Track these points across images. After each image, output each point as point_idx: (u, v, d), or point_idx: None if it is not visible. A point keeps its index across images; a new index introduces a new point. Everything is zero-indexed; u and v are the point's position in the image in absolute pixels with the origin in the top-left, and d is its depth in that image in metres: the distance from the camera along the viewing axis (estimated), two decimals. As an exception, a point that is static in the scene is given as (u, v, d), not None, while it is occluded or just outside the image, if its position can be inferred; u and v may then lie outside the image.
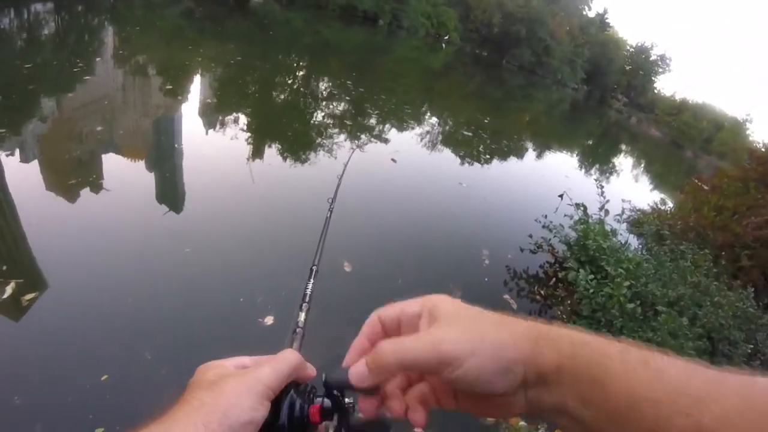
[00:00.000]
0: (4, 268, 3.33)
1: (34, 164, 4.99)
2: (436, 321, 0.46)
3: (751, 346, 4.19)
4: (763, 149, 11.75)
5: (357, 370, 0.46)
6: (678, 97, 56.52)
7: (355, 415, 0.52)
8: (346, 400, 0.51)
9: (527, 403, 0.44)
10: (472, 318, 0.46)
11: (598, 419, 0.40)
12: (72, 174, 4.98)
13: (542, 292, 5.14)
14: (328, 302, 3.70)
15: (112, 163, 5.50)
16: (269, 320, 3.41)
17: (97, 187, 4.71)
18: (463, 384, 0.43)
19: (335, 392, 0.51)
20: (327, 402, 0.51)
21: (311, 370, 0.55)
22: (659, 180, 19.12)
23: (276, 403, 0.48)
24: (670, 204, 9.86)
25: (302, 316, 0.95)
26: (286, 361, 0.51)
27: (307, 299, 1.03)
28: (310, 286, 1.10)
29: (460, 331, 0.44)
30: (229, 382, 0.46)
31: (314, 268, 1.21)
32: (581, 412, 0.40)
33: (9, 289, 3.10)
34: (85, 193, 4.59)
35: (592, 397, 0.39)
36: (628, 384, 0.38)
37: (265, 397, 0.47)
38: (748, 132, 47.54)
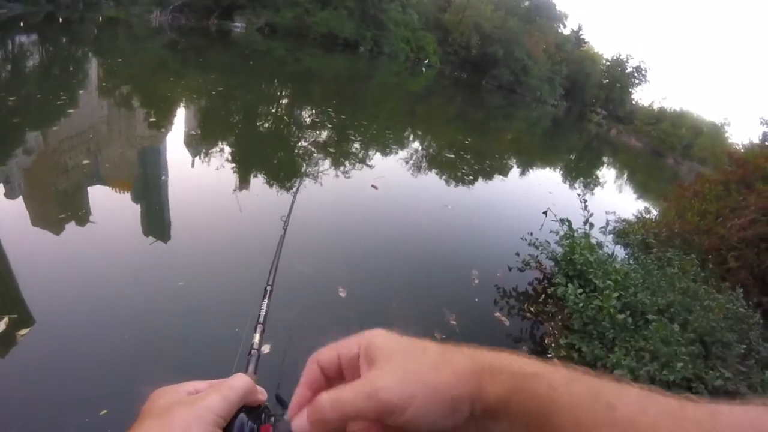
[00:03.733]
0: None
1: (20, 199, 4.98)
2: (374, 363, 0.43)
3: (744, 346, 4.19)
4: (742, 150, 11.98)
5: (299, 425, 0.43)
6: (656, 106, 57.65)
7: None
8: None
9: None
10: (410, 356, 0.43)
11: None
12: (58, 207, 4.96)
13: (532, 309, 5.14)
14: (325, 326, 3.70)
15: (98, 195, 5.48)
16: (265, 349, 3.36)
17: (83, 220, 4.69)
18: (410, 428, 0.41)
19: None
20: (278, 421, 0.51)
21: (262, 394, 0.54)
22: (642, 189, 19.36)
23: (228, 428, 0.48)
24: (654, 212, 9.96)
25: (257, 338, 0.92)
26: (234, 387, 0.50)
27: (261, 320, 1.00)
28: (264, 306, 1.06)
29: (397, 374, 0.41)
30: (179, 411, 0.45)
31: (268, 287, 1.16)
32: None
33: (2, 325, 3.08)
34: (72, 226, 4.57)
35: (539, 431, 0.38)
36: (576, 417, 0.37)
37: (215, 425, 0.46)
38: (726, 135, 48.40)
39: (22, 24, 17.02)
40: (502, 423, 0.40)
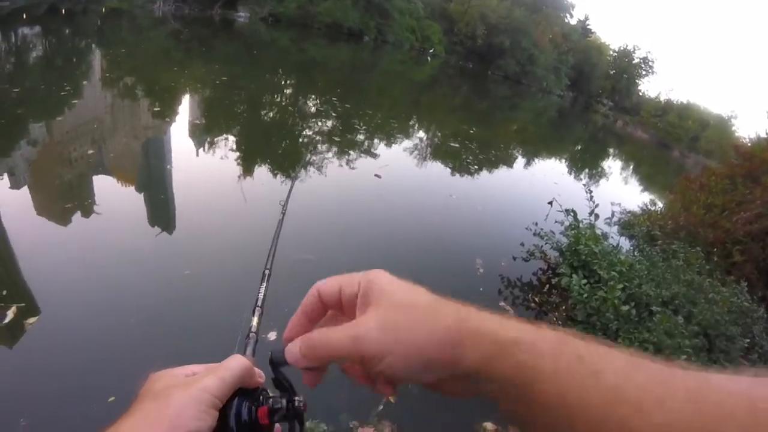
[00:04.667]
0: (5, 292, 3.34)
1: (25, 189, 5.01)
2: (367, 304, 0.45)
3: (748, 340, 4.20)
4: (748, 144, 11.88)
5: (292, 351, 0.46)
6: (662, 98, 57.12)
7: (305, 414, 0.53)
8: (296, 399, 0.52)
9: (463, 389, 0.43)
10: (397, 308, 0.44)
11: (530, 418, 0.39)
12: (63, 198, 4.99)
13: (536, 299, 5.14)
14: None
15: (102, 186, 5.50)
16: (272, 336, 3.40)
17: (88, 210, 4.71)
18: (387, 375, 0.43)
19: (283, 381, 0.52)
20: (275, 403, 0.51)
21: (260, 377, 0.55)
22: (648, 181, 19.27)
23: (224, 410, 0.48)
24: (659, 204, 9.92)
25: (255, 321, 0.91)
26: (231, 368, 0.51)
27: (259, 303, 0.99)
28: (262, 290, 1.05)
29: (379, 325, 0.42)
30: (175, 393, 0.46)
31: (267, 271, 1.15)
32: (513, 409, 0.40)
33: (10, 314, 3.11)
34: (77, 216, 4.59)
35: (523, 398, 0.38)
36: (559, 386, 0.36)
37: (211, 406, 0.46)
38: (733, 128, 48.02)
39: (24, 16, 16.98)
40: (485, 387, 0.41)
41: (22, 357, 2.92)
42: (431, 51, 46.96)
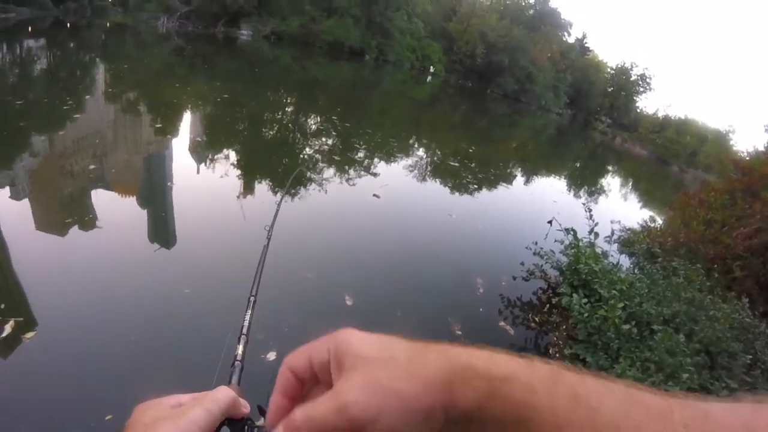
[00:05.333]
0: (3, 306, 3.33)
1: (25, 201, 5.03)
2: (343, 370, 0.41)
3: (750, 356, 4.16)
4: (747, 158, 11.92)
5: None
6: (660, 114, 57.33)
7: None
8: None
9: None
10: (378, 363, 0.41)
11: None
12: (64, 211, 5.01)
13: (537, 318, 5.12)
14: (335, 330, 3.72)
15: (103, 200, 5.53)
16: (271, 356, 3.38)
17: (89, 225, 4.72)
18: None
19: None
20: None
21: (245, 407, 0.55)
22: (647, 197, 19.30)
23: None
24: (659, 221, 9.92)
25: (240, 349, 0.91)
26: (217, 400, 0.51)
27: (244, 331, 0.99)
28: (247, 317, 1.04)
29: (366, 386, 0.39)
30: (162, 426, 0.46)
31: (252, 298, 1.15)
32: None
33: (8, 328, 3.10)
34: (77, 230, 4.60)
35: None
36: (555, 425, 0.35)
37: None
38: (731, 142, 48.23)
39: (30, 29, 17.19)
40: (480, 428, 0.38)
41: (19, 371, 2.90)
42: (432, 70, 47.41)
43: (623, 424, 0.34)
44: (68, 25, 20.28)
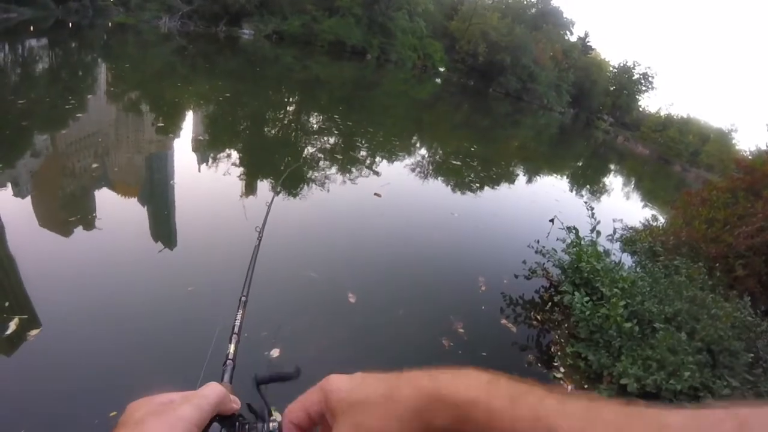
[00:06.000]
0: (7, 304, 3.36)
1: (28, 201, 5.04)
2: (336, 419, 0.47)
3: (752, 355, 4.16)
4: (749, 157, 11.89)
5: None
6: (663, 113, 57.09)
7: None
8: (271, 422, 0.53)
9: None
10: (360, 408, 0.46)
11: None
12: (66, 210, 5.03)
13: (539, 317, 5.12)
14: (336, 330, 3.79)
15: (106, 199, 5.54)
16: (275, 353, 3.40)
17: (91, 224, 4.74)
18: None
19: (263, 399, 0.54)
20: (252, 428, 0.52)
21: (235, 403, 0.55)
22: (649, 196, 19.26)
23: None
24: (661, 220, 9.91)
25: (231, 348, 0.93)
26: (206, 396, 0.51)
27: (236, 330, 1.00)
28: (238, 317, 1.06)
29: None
30: (152, 421, 0.46)
31: (243, 298, 1.17)
32: None
33: (12, 325, 3.12)
34: (80, 229, 4.63)
35: None
36: None
37: None
38: (734, 142, 48.10)
39: (32, 28, 17.21)
40: None
41: (22, 369, 2.91)
42: (442, 70, 47.44)
43: None
44: (70, 25, 20.31)
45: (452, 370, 0.45)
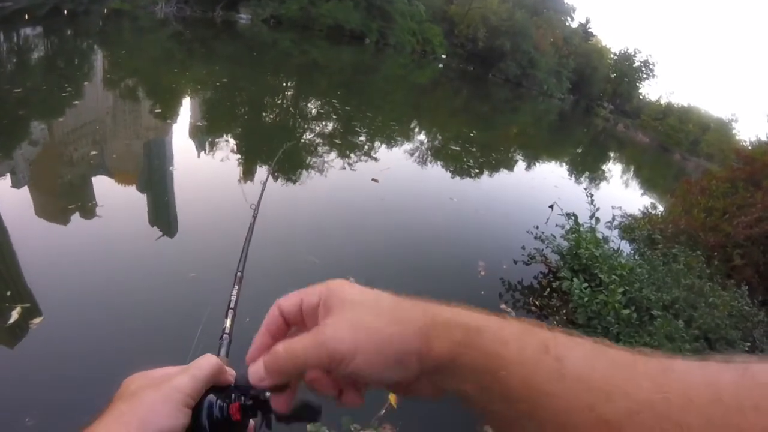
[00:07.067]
0: (9, 293, 3.36)
1: (25, 189, 5.00)
2: (330, 312, 0.44)
3: (748, 344, 4.21)
4: (749, 147, 11.89)
5: (255, 371, 0.45)
6: (663, 101, 56.92)
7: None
8: (267, 393, 0.50)
9: (432, 387, 0.44)
10: (362, 307, 0.43)
11: (496, 408, 0.39)
12: (64, 198, 5.00)
13: (537, 302, 5.14)
14: None
15: (104, 186, 5.51)
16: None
17: (90, 211, 4.71)
18: (357, 377, 0.42)
19: (250, 392, 0.51)
20: (245, 398, 0.51)
21: (231, 375, 0.55)
22: (649, 184, 19.29)
23: (197, 408, 0.49)
24: (660, 208, 9.92)
25: (228, 323, 0.94)
26: (201, 367, 0.51)
27: (232, 305, 1.01)
28: (234, 292, 1.06)
29: (346, 326, 0.42)
30: (147, 392, 0.46)
31: (239, 274, 1.18)
32: (480, 399, 0.40)
33: (15, 314, 3.12)
34: (79, 217, 4.60)
35: (490, 387, 0.39)
36: (524, 374, 0.37)
37: (183, 404, 0.47)
38: (734, 131, 48.07)
39: (26, 16, 16.98)
40: (454, 379, 0.41)
41: (26, 357, 2.92)
42: (444, 56, 47.09)
43: (589, 373, 0.35)
44: (65, 12, 20.02)
45: (466, 308, 0.44)
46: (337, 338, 0.41)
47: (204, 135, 8.36)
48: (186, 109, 10.09)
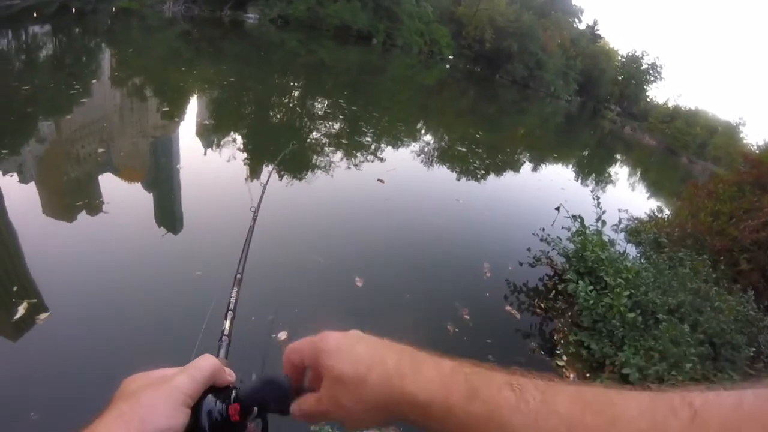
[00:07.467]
0: (15, 288, 3.39)
1: (32, 186, 5.04)
2: (321, 380, 0.53)
3: (754, 349, 4.17)
4: (756, 151, 11.82)
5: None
6: (671, 104, 56.65)
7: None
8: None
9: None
10: (338, 386, 0.50)
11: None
12: (71, 196, 5.03)
13: (542, 304, 5.13)
14: (343, 313, 3.84)
15: (111, 184, 5.54)
16: (282, 335, 3.42)
17: (97, 209, 4.74)
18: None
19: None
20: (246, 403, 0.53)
21: (230, 375, 0.56)
22: (655, 187, 19.17)
23: (196, 408, 0.50)
24: (667, 211, 9.87)
25: (227, 324, 0.95)
26: (201, 367, 0.52)
27: (231, 307, 1.02)
28: (233, 294, 1.08)
29: (329, 400, 0.51)
30: (147, 392, 0.47)
31: (238, 276, 1.19)
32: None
33: (21, 309, 3.13)
34: (86, 214, 4.63)
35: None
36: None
37: (182, 404, 0.48)
38: (741, 135, 47.69)
39: (35, 14, 17.08)
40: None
41: (32, 352, 2.94)
42: (450, 57, 47.06)
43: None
44: (74, 10, 20.12)
45: (421, 361, 0.49)
46: (327, 407, 0.52)
47: (211, 134, 8.39)
48: (193, 108, 10.13)
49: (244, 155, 7.54)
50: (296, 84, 16.83)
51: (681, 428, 0.31)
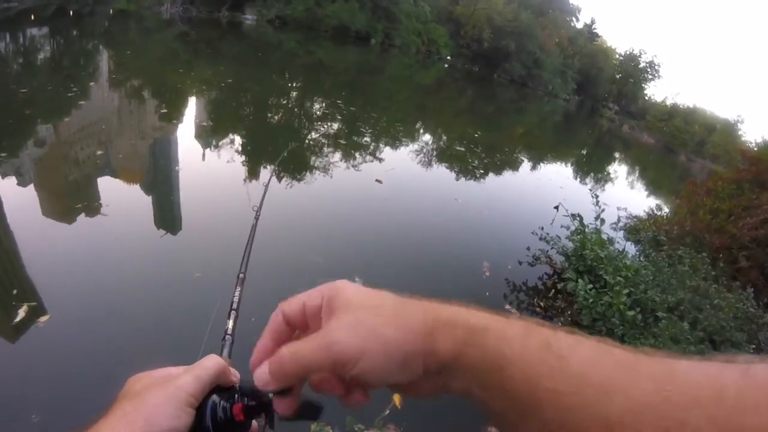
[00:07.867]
0: (15, 291, 3.38)
1: (31, 189, 5.04)
2: (333, 314, 0.44)
3: (753, 347, 4.18)
4: (755, 148, 11.82)
5: (260, 375, 0.45)
6: (669, 102, 56.65)
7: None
8: (271, 395, 0.50)
9: (436, 387, 0.44)
10: (366, 309, 0.43)
11: (500, 406, 0.39)
12: (70, 198, 5.03)
13: (542, 303, 5.13)
14: None
15: (110, 186, 5.54)
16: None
17: (95, 211, 4.74)
18: (361, 379, 0.42)
19: (254, 394, 0.51)
20: (249, 400, 0.51)
21: (234, 375, 0.55)
22: (654, 186, 19.20)
23: (201, 408, 0.49)
24: (665, 209, 9.88)
25: (230, 324, 0.95)
26: (205, 367, 0.51)
27: (234, 306, 1.02)
28: (237, 293, 1.08)
29: (350, 327, 0.42)
30: (151, 392, 0.47)
31: (241, 275, 1.19)
32: (484, 398, 0.40)
33: (21, 312, 3.13)
34: (85, 217, 4.63)
35: (493, 385, 0.39)
36: (526, 372, 0.37)
37: (187, 404, 0.47)
38: (740, 133, 47.74)
39: (32, 17, 17.07)
40: (458, 378, 0.41)
41: (32, 355, 2.94)
42: (448, 57, 47.08)
43: (591, 372, 0.35)
44: (71, 12, 20.10)
45: (469, 307, 0.44)
46: (342, 341, 0.41)
47: (209, 135, 8.39)
48: (191, 110, 10.12)
49: (243, 156, 7.54)
50: (294, 85, 16.83)
51: (735, 378, 0.31)
